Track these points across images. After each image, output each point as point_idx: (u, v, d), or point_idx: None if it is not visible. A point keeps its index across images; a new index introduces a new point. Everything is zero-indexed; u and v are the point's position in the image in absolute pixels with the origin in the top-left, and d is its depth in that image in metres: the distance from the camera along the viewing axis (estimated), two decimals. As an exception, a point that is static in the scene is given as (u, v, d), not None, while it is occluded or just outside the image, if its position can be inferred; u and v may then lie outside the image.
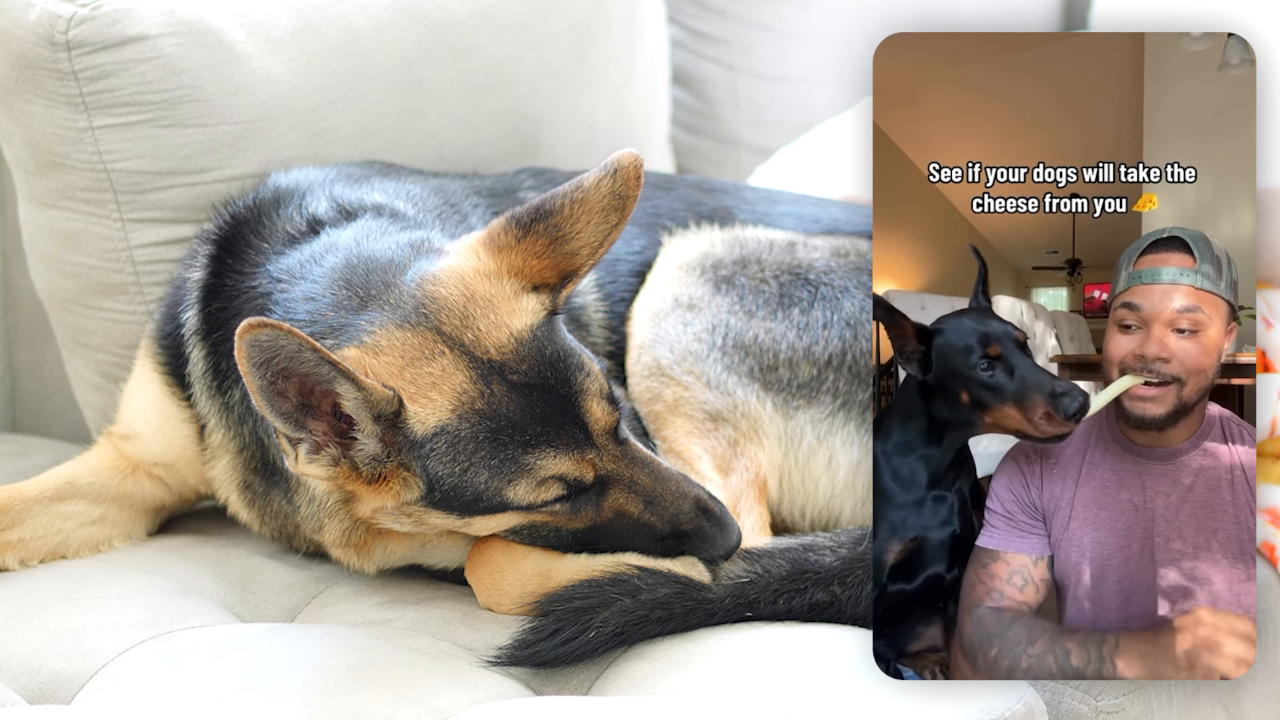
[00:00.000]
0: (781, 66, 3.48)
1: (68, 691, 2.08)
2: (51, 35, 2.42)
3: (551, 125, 2.87)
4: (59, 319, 2.65)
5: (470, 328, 2.05)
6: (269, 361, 1.92)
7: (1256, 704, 2.24)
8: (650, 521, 2.11)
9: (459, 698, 1.99)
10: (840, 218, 2.58)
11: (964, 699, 1.98)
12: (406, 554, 2.27)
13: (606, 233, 2.09)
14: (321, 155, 2.59)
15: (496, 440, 2.02)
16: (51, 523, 2.36)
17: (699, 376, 2.33)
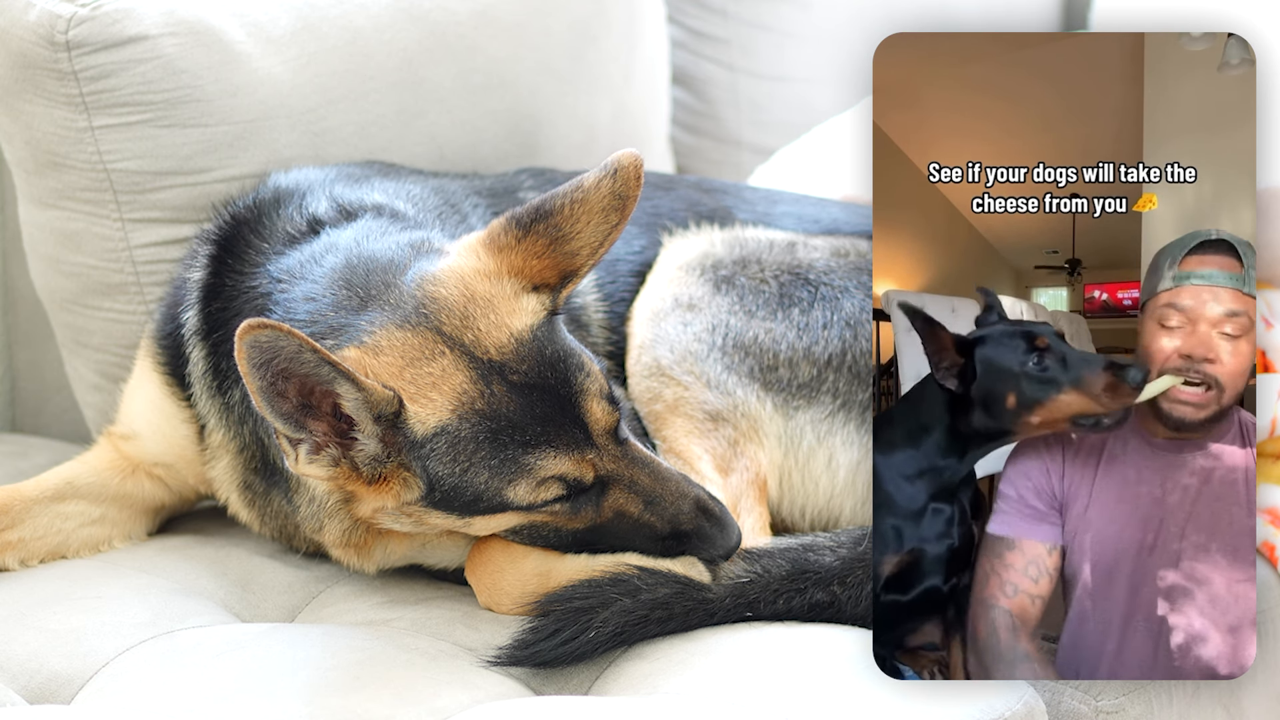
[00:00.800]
0: (781, 66, 3.47)
1: (68, 691, 2.07)
2: (51, 35, 2.42)
3: (551, 125, 2.86)
4: (59, 319, 2.65)
5: (470, 328, 2.05)
6: (269, 362, 1.92)
7: (1256, 704, 2.24)
8: (650, 521, 2.11)
9: (459, 698, 1.99)
10: (840, 218, 2.58)
11: (964, 699, 1.98)
12: (406, 554, 2.27)
13: (607, 233, 2.09)
14: (321, 155, 2.58)
15: (497, 440, 2.02)
16: (51, 523, 2.36)
17: (699, 376, 2.33)
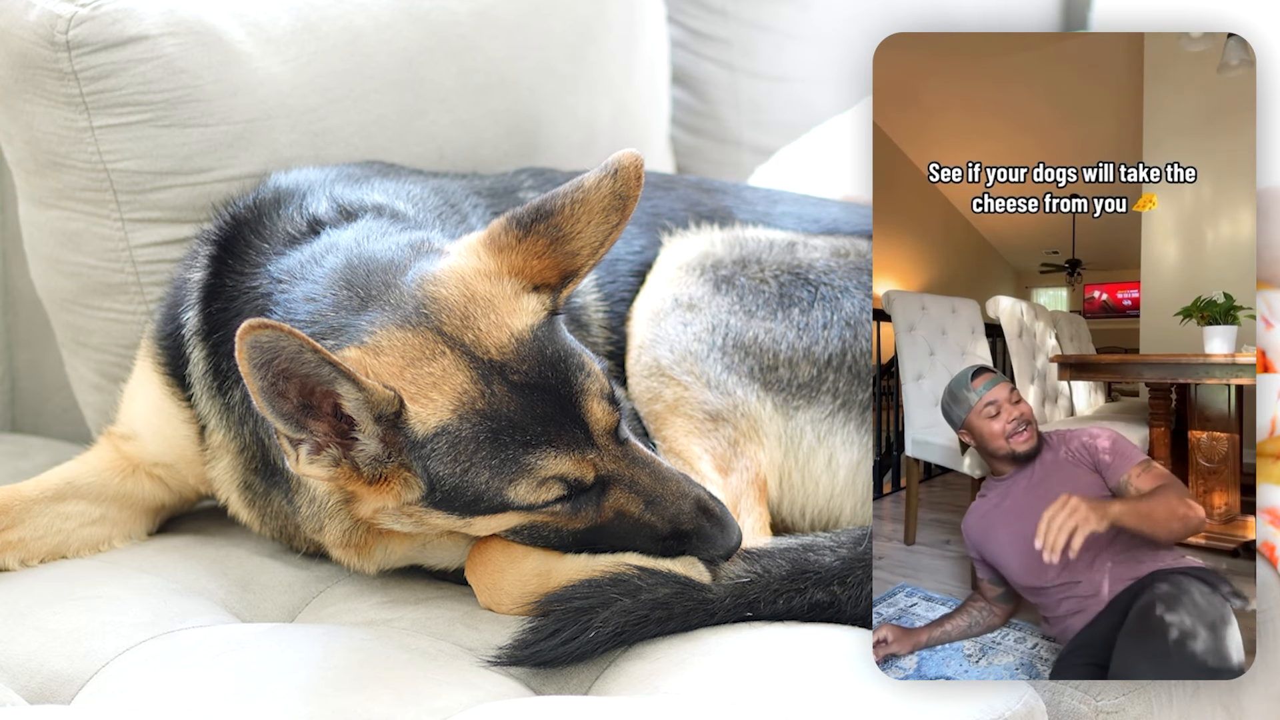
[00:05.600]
0: (781, 66, 3.48)
1: (68, 691, 2.07)
2: (52, 35, 2.42)
3: (551, 125, 2.86)
4: (59, 319, 2.65)
5: (471, 328, 2.05)
6: (270, 362, 1.92)
7: (1256, 704, 2.24)
8: (651, 521, 2.11)
9: (459, 698, 1.99)
10: (840, 218, 2.58)
11: (964, 699, 1.98)
12: (407, 554, 2.27)
13: (607, 233, 2.09)
14: (321, 155, 2.58)
15: (497, 440, 2.02)
16: (51, 523, 2.36)
17: (699, 376, 2.33)
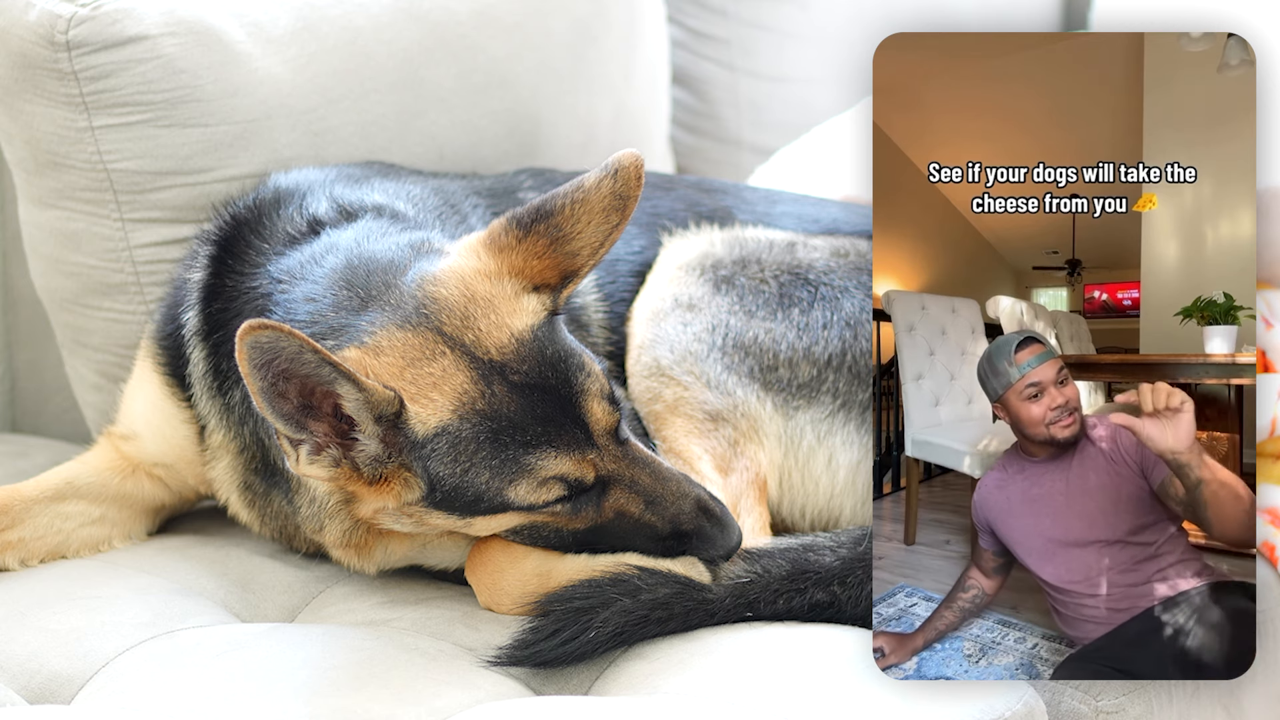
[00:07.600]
0: (781, 66, 3.48)
1: (68, 691, 2.07)
2: (51, 35, 2.42)
3: (551, 125, 2.86)
4: (59, 319, 2.65)
5: (471, 328, 2.05)
6: (270, 363, 1.92)
7: (1256, 704, 2.24)
8: (651, 522, 2.11)
9: (459, 698, 1.99)
10: (840, 218, 2.58)
11: (964, 699, 1.98)
12: (407, 554, 2.27)
13: (607, 233, 2.09)
14: (321, 155, 2.58)
15: (498, 441, 2.02)
16: (51, 523, 2.36)
17: (699, 376, 2.33)
